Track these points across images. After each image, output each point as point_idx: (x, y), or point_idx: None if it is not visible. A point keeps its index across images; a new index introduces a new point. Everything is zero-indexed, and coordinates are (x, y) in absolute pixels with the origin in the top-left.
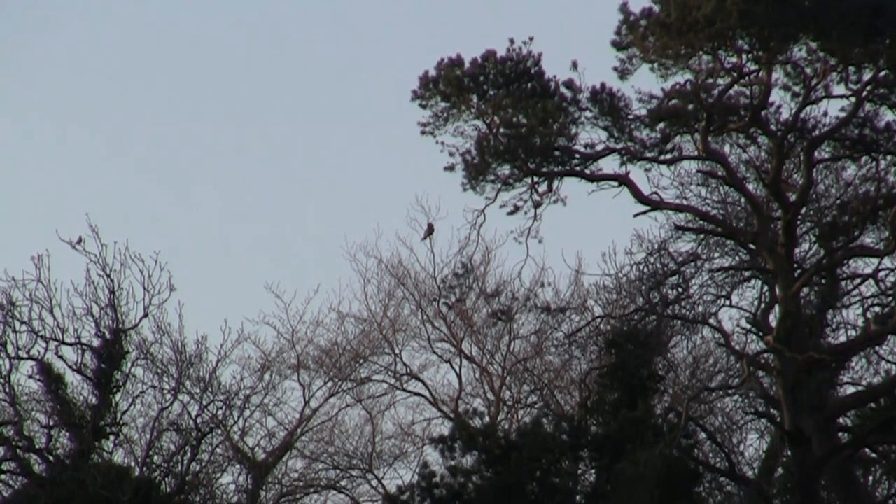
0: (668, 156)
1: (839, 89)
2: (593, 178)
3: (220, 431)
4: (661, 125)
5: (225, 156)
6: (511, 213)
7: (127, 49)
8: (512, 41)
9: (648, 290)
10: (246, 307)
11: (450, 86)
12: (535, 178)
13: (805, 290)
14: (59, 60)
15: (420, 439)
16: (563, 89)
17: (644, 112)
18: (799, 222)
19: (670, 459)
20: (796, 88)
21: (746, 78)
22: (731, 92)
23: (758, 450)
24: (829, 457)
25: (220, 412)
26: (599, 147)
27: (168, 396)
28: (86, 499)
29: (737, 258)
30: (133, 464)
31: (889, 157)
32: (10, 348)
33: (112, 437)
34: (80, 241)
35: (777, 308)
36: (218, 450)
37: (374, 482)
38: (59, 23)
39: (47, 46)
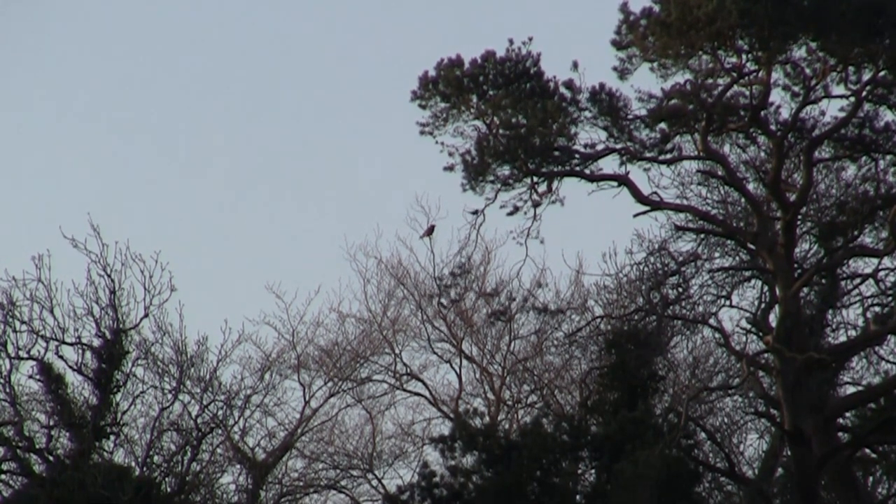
0: (668, 156)
1: (839, 89)
2: (593, 178)
3: (220, 431)
4: (661, 125)
5: (225, 155)
6: (511, 213)
7: (128, 47)
8: (511, 41)
9: (649, 290)
10: (246, 307)
11: (449, 86)
12: (535, 179)
13: (805, 290)
14: (60, 58)
15: (420, 439)
16: (562, 89)
17: (644, 112)
18: (799, 222)
19: (670, 459)
20: (796, 88)
21: (746, 78)
22: (731, 92)
23: (758, 450)
24: (829, 457)
25: (220, 412)
26: (599, 147)
27: (168, 396)
28: (86, 499)
29: (737, 258)
30: (133, 464)
31: (888, 157)
32: (10, 348)
33: (112, 437)
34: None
35: (777, 308)
36: (218, 450)
37: (374, 482)
38: (60, 20)
39: (48, 44)
